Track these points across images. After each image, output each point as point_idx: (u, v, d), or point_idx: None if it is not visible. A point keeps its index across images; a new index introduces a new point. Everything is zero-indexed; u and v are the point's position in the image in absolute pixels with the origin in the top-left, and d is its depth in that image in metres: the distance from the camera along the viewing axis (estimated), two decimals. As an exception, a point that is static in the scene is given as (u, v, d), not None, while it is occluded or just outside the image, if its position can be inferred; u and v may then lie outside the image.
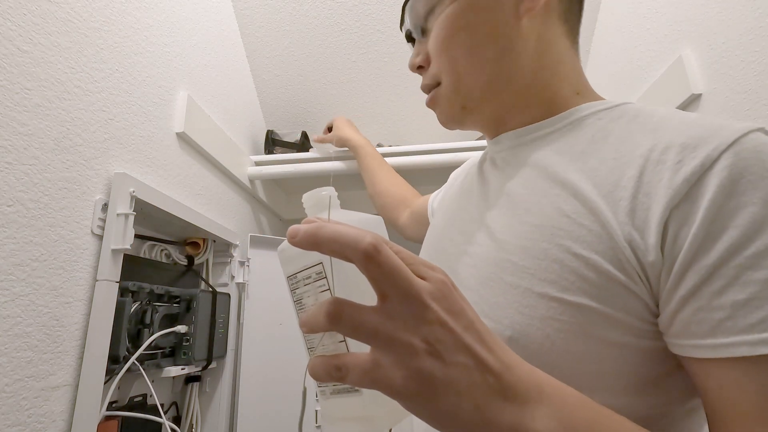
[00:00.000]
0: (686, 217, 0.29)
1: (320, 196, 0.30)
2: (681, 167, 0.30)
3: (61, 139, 0.58)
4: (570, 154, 0.38)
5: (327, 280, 0.27)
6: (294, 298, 0.29)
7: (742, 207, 0.28)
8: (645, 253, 0.30)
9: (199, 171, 0.94)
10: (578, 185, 0.34)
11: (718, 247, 0.28)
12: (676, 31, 0.83)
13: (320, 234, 0.23)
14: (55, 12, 0.57)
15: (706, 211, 0.28)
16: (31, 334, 0.52)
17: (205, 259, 0.96)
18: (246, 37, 1.28)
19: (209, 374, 0.93)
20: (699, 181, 0.29)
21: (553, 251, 0.33)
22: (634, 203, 0.31)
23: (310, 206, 0.31)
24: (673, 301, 0.30)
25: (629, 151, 0.34)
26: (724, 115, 0.71)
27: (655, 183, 0.31)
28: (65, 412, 0.56)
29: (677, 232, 0.29)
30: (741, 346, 0.27)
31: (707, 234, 0.28)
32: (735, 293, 0.27)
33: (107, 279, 0.61)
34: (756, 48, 0.65)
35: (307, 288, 0.28)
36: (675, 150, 0.31)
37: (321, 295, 0.27)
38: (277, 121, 1.43)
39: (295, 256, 0.28)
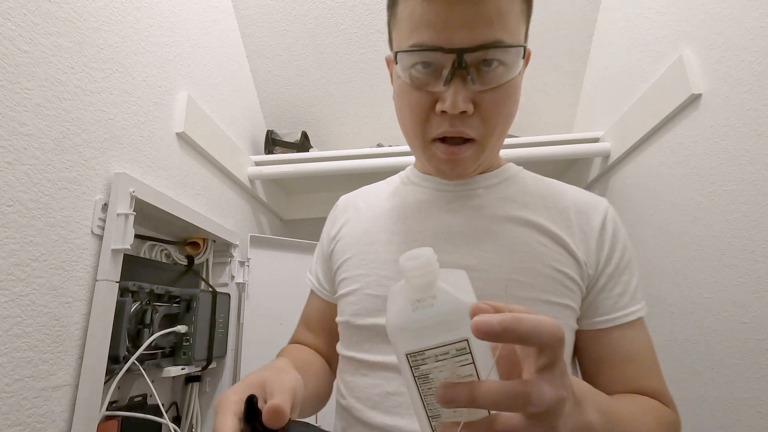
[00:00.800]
0: (602, 245, 0.50)
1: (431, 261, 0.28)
2: (591, 219, 0.51)
3: (61, 139, 0.58)
4: (521, 203, 0.52)
5: (471, 355, 0.27)
6: (415, 374, 0.28)
7: (618, 242, 0.51)
8: (589, 267, 0.49)
9: (199, 171, 0.94)
10: (544, 225, 0.49)
11: (612, 263, 0.50)
12: (676, 31, 0.83)
13: (521, 328, 0.25)
14: (55, 12, 0.57)
15: (608, 243, 0.50)
16: (31, 334, 0.52)
17: (205, 259, 0.96)
18: (246, 37, 1.28)
19: (209, 374, 0.93)
20: (602, 227, 0.51)
21: (545, 271, 0.47)
22: (580, 236, 0.50)
23: (418, 272, 0.28)
24: (592, 294, 0.49)
25: (559, 203, 0.52)
26: (724, 115, 0.71)
27: (583, 225, 0.51)
28: (65, 412, 0.56)
29: (598, 254, 0.50)
30: (624, 317, 0.48)
31: (609, 256, 0.50)
32: (617, 288, 0.49)
33: (107, 279, 0.61)
34: (756, 48, 0.65)
35: (440, 364, 0.28)
36: (582, 207, 0.52)
37: (461, 370, 0.28)
38: (277, 121, 1.43)
39: (427, 332, 0.27)
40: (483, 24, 0.41)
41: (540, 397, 0.25)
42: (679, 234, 0.82)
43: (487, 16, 0.41)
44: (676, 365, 0.82)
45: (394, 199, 0.57)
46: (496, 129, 0.46)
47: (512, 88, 0.45)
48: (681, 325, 0.81)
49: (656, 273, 0.89)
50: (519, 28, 0.44)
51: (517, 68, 0.44)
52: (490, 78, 0.43)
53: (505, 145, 1.14)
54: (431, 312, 0.27)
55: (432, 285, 0.28)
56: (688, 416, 0.78)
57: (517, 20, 0.43)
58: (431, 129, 0.46)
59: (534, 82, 1.34)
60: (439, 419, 0.29)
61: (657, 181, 0.89)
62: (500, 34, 0.41)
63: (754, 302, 0.65)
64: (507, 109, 0.45)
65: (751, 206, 0.66)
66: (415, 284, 0.28)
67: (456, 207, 0.52)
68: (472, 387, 0.26)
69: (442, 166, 0.48)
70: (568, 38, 1.25)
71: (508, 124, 0.47)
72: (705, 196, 0.76)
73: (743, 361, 0.67)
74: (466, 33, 0.41)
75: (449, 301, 0.28)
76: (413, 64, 0.44)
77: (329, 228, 0.62)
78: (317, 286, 0.62)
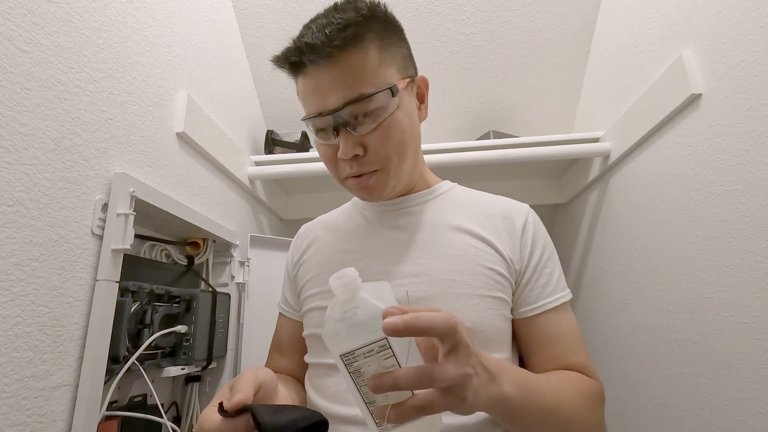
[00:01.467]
0: (525, 244, 0.58)
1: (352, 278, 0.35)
2: (515, 222, 0.60)
3: (61, 139, 0.58)
4: (454, 213, 0.60)
5: (391, 349, 0.34)
6: (350, 370, 0.35)
7: (539, 240, 0.60)
8: (515, 264, 0.57)
9: (199, 171, 0.94)
10: (475, 230, 0.58)
11: (534, 258, 0.58)
12: (676, 31, 0.83)
13: (419, 324, 0.32)
14: (55, 12, 0.57)
15: (531, 242, 0.59)
16: (31, 334, 0.52)
17: (205, 259, 0.96)
18: (246, 37, 1.28)
19: (209, 374, 0.93)
20: (524, 228, 0.59)
21: (478, 269, 0.54)
22: (506, 238, 0.58)
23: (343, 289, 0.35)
24: (520, 287, 0.57)
25: (487, 211, 0.61)
26: (724, 115, 0.71)
27: (509, 228, 0.59)
28: (65, 412, 0.56)
29: (522, 251, 0.58)
30: (549, 303, 0.56)
31: (531, 252, 0.58)
32: (541, 279, 0.57)
33: (107, 279, 0.61)
34: (756, 48, 0.65)
35: (368, 360, 0.34)
36: (507, 213, 0.61)
37: (385, 362, 0.34)
38: (277, 121, 1.43)
39: (353, 335, 0.34)
40: (343, 85, 0.50)
41: (443, 374, 0.33)
42: (679, 234, 0.82)
43: (344, 77, 0.50)
44: (676, 365, 0.82)
45: (349, 222, 0.66)
46: (392, 156, 0.54)
47: (393, 123, 0.52)
48: (681, 325, 0.81)
49: (656, 273, 0.89)
50: (381, 73, 0.51)
51: (391, 106, 0.52)
52: (369, 123, 0.51)
53: (505, 145, 1.14)
54: (355, 319, 0.34)
55: (355, 297, 0.35)
56: (688, 416, 0.78)
57: (375, 69, 0.51)
58: (341, 172, 0.56)
59: (534, 82, 1.34)
60: (374, 404, 0.35)
61: (657, 181, 0.89)
62: (361, 87, 0.50)
63: (754, 302, 0.65)
64: (394, 140, 0.53)
65: (751, 206, 0.66)
66: (342, 298, 0.35)
67: (400, 223, 0.61)
68: (393, 374, 0.33)
69: (360, 194, 0.58)
70: (568, 38, 1.25)
71: (405, 150, 0.55)
72: (705, 196, 0.76)
73: (743, 361, 0.67)
74: (334, 97, 0.50)
75: (369, 308, 0.34)
76: (314, 129, 0.54)
77: (293, 254, 0.70)
78: (286, 308, 0.69)
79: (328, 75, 0.50)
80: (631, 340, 0.97)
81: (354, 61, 0.50)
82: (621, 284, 1.02)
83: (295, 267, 0.68)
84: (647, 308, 0.92)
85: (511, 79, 1.34)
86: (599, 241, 1.14)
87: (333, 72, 0.50)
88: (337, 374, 0.53)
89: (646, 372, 0.91)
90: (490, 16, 1.25)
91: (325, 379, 0.55)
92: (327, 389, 0.54)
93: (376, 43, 0.52)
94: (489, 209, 0.61)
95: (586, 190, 1.24)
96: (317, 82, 0.51)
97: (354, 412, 0.50)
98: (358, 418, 0.49)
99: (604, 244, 1.12)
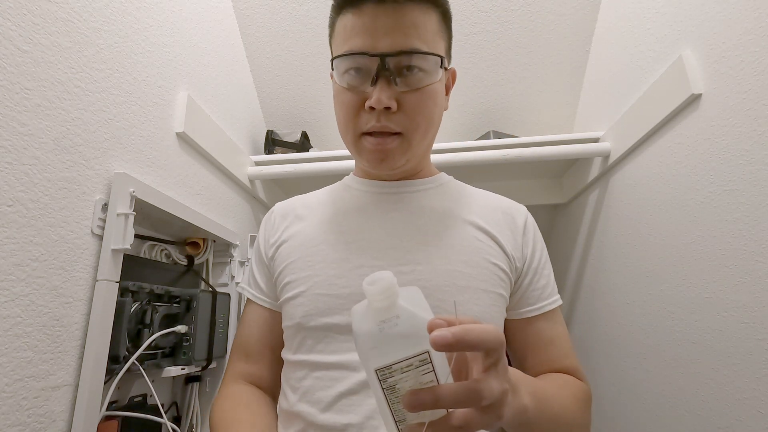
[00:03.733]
0: (526, 243, 0.58)
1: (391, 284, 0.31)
2: (515, 219, 0.59)
3: (61, 139, 0.58)
4: (457, 204, 0.59)
5: (432, 364, 0.31)
6: (384, 386, 0.31)
7: (538, 241, 0.60)
8: (516, 261, 0.56)
9: (199, 171, 0.94)
10: (479, 223, 0.56)
11: (536, 258, 0.58)
12: (676, 31, 0.83)
13: (470, 337, 0.30)
14: (55, 12, 0.57)
15: (531, 242, 0.58)
16: (31, 334, 0.52)
17: (205, 259, 0.96)
18: (246, 37, 1.28)
19: (209, 374, 0.93)
20: (525, 227, 0.59)
21: (482, 263, 0.53)
22: (508, 234, 0.57)
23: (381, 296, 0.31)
24: (522, 287, 0.56)
25: (488, 206, 0.60)
26: (724, 115, 0.71)
27: (510, 224, 0.58)
28: (65, 412, 0.56)
29: (524, 250, 0.57)
30: (548, 305, 0.56)
31: (532, 252, 0.58)
32: (542, 281, 0.57)
33: (107, 279, 0.61)
34: (756, 48, 0.65)
35: (405, 375, 0.31)
36: (507, 210, 0.60)
37: (423, 378, 0.31)
38: (277, 121, 1.43)
39: (393, 348, 0.31)
40: (402, 33, 0.48)
41: (490, 391, 0.30)
42: (679, 234, 0.82)
43: (405, 27, 0.48)
44: (676, 365, 0.82)
45: (337, 203, 0.61)
46: (420, 126, 0.52)
47: (432, 92, 0.51)
48: (681, 325, 0.81)
49: (656, 273, 0.89)
50: (437, 41, 0.51)
51: (436, 75, 0.51)
52: (411, 81, 0.50)
53: (505, 145, 1.14)
54: (396, 331, 0.31)
55: (394, 305, 0.31)
56: (689, 416, 0.78)
57: (434, 34, 0.51)
58: (361, 124, 0.52)
59: (534, 82, 1.34)
60: (405, 423, 0.32)
61: (657, 181, 0.89)
62: (417, 43, 0.49)
63: (754, 302, 0.65)
64: (428, 110, 0.52)
65: (751, 206, 0.66)
66: (380, 306, 0.31)
67: (400, 207, 0.57)
68: (435, 391, 0.30)
69: (371, 156, 0.53)
70: (568, 38, 1.25)
71: (431, 125, 0.54)
72: (705, 196, 0.76)
73: (743, 361, 0.67)
74: (388, 40, 0.48)
75: (411, 318, 0.31)
76: (346, 69, 0.51)
77: (267, 235, 0.63)
78: (258, 295, 0.62)
79: (388, 18, 0.48)
80: (631, 340, 0.97)
81: (417, 16, 0.48)
82: (621, 284, 1.02)
83: (270, 248, 0.61)
84: (647, 308, 0.92)
85: (511, 79, 1.34)
86: (599, 241, 1.14)
87: (394, 16, 0.48)
88: (327, 375, 0.49)
89: (646, 372, 0.91)
90: (490, 16, 1.25)
91: (312, 382, 0.50)
92: (312, 394, 0.49)
93: (439, 14, 0.51)
94: (490, 204, 0.60)
95: (586, 190, 1.24)
96: (373, 21, 0.48)
97: (347, 421, 0.46)
98: (349, 428, 0.45)
99: (604, 244, 1.12)
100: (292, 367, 0.53)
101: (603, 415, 1.06)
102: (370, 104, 0.49)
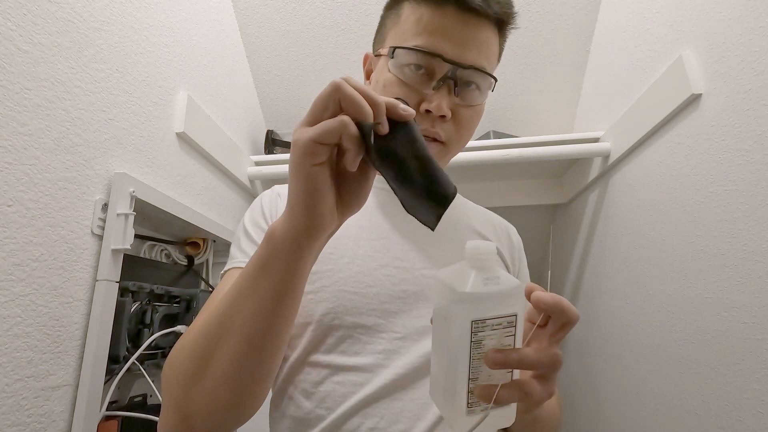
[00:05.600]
0: (520, 259, 0.64)
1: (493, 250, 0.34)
2: (510, 236, 0.65)
3: (61, 139, 0.58)
4: (461, 213, 0.61)
5: (515, 327, 0.33)
6: (473, 339, 0.33)
7: (524, 261, 0.65)
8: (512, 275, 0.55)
9: (199, 171, 0.94)
10: (482, 232, 0.60)
11: (522, 273, 0.64)
12: (676, 31, 0.83)
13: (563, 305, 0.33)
14: (55, 12, 0.57)
15: (518, 260, 0.64)
16: (31, 334, 0.52)
17: (205, 259, 0.96)
18: (246, 37, 1.28)
19: (209, 374, 0.93)
20: (518, 245, 0.65)
21: None
22: (506, 248, 0.62)
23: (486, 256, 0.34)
24: None
25: (485, 219, 0.64)
26: (724, 115, 0.71)
27: (506, 240, 0.64)
28: (65, 412, 0.56)
29: (516, 265, 0.62)
30: None
31: (520, 270, 0.63)
32: None
33: (107, 279, 0.61)
34: (756, 48, 0.65)
35: (493, 333, 0.33)
36: (502, 226, 0.66)
37: (505, 339, 0.33)
38: (277, 121, 1.43)
39: (495, 303, 0.33)
40: (476, 49, 0.48)
41: (560, 360, 0.33)
42: (679, 234, 0.82)
43: (479, 43, 0.49)
44: (676, 365, 0.82)
45: None
46: (462, 140, 0.53)
47: (480, 111, 0.53)
48: (681, 325, 0.81)
49: (656, 273, 0.89)
50: (494, 64, 0.53)
51: (486, 96, 0.52)
52: (469, 96, 0.51)
53: (505, 145, 1.14)
54: (498, 288, 0.33)
55: (495, 267, 0.34)
56: (689, 416, 0.78)
57: (494, 57, 0.52)
58: None
59: (534, 82, 1.34)
60: (477, 382, 0.33)
61: (657, 181, 0.89)
62: (485, 63, 0.50)
63: (754, 302, 0.65)
64: (472, 126, 0.53)
65: (751, 206, 0.66)
66: (484, 266, 0.34)
67: (382, 216, 0.57)
68: (521, 352, 0.32)
69: None
70: (568, 38, 1.25)
71: (467, 141, 0.55)
72: (705, 196, 0.75)
73: (743, 361, 0.67)
74: (463, 51, 0.48)
75: (510, 281, 0.33)
76: (409, 63, 0.49)
77: (270, 209, 0.55)
78: None
79: (468, 29, 0.48)
80: (631, 340, 0.97)
81: (489, 36, 0.50)
82: (621, 284, 1.02)
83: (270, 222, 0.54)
84: (647, 308, 0.92)
85: (511, 79, 1.33)
86: (599, 241, 1.14)
87: (474, 30, 0.48)
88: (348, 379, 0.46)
89: (646, 372, 0.91)
90: (490, 16, 1.24)
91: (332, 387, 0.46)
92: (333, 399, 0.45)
93: (500, 39, 0.53)
94: (486, 218, 0.63)
95: (586, 190, 1.24)
96: (454, 27, 0.48)
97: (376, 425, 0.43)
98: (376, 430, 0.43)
99: (604, 244, 1.12)
100: (304, 369, 0.49)
101: (603, 415, 1.06)
102: (429, 108, 0.48)
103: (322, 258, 0.50)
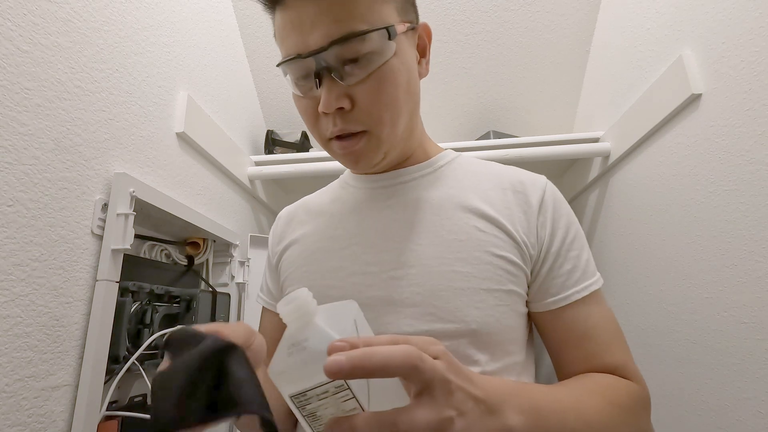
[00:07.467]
0: (543, 224, 0.49)
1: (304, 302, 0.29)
2: (529, 197, 0.50)
3: (61, 139, 0.58)
4: (457, 188, 0.52)
5: (351, 390, 0.27)
6: (303, 414, 0.29)
7: (561, 217, 0.50)
8: (531, 248, 0.48)
9: (199, 171, 0.94)
10: (482, 209, 0.49)
11: (556, 240, 0.48)
12: (676, 31, 0.83)
13: (371, 362, 0.26)
14: (55, 12, 0.57)
15: (551, 221, 0.49)
16: (31, 334, 0.52)
17: (205, 259, 0.96)
18: (246, 37, 1.28)
19: (209, 374, 0.93)
20: (541, 204, 0.50)
21: (484, 257, 0.46)
22: (519, 217, 0.49)
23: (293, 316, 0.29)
24: (540, 275, 0.48)
25: (497, 186, 0.51)
26: (724, 115, 0.71)
27: (522, 205, 0.50)
28: (65, 412, 0.56)
29: (540, 233, 0.48)
30: (577, 293, 0.47)
31: (552, 233, 0.49)
32: (566, 265, 0.48)
33: (107, 279, 0.61)
34: (756, 48, 0.65)
35: (323, 402, 0.28)
36: (520, 187, 0.51)
37: (344, 405, 0.28)
38: (277, 121, 1.43)
39: (304, 375, 0.27)
40: (330, 19, 0.41)
41: (409, 423, 0.27)
42: (679, 234, 0.82)
43: (331, 12, 0.41)
44: (676, 365, 0.82)
45: (334, 204, 0.57)
46: (383, 116, 0.45)
47: (387, 73, 0.44)
48: (681, 325, 0.81)
49: (656, 273, 0.89)
50: (378, 10, 0.43)
51: (387, 50, 0.43)
52: (358, 70, 0.43)
53: (505, 146, 1.14)
54: (304, 355, 0.28)
55: (306, 326, 0.29)
56: (689, 416, 0.78)
57: (369, 4, 0.42)
58: (323, 130, 0.47)
59: (534, 82, 1.34)
60: None
61: (657, 181, 0.89)
62: (352, 24, 0.41)
63: (754, 302, 0.65)
64: (387, 95, 0.44)
65: (751, 206, 0.66)
66: (292, 328, 0.29)
67: (393, 203, 0.52)
68: (351, 421, 0.27)
69: (346, 161, 0.49)
70: (568, 38, 1.25)
71: (398, 109, 0.46)
72: (705, 196, 0.76)
73: (743, 361, 0.67)
74: (318, 33, 0.41)
75: (320, 342, 0.28)
76: (293, 77, 0.45)
77: (274, 243, 0.61)
78: (269, 300, 0.61)
79: (312, 6, 0.41)
80: (630, 340, 0.97)
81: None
82: (621, 284, 1.02)
83: (275, 257, 0.59)
84: (647, 308, 0.92)
85: (511, 79, 1.34)
86: (599, 241, 1.14)
87: (319, 3, 0.41)
88: None
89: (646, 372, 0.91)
90: (490, 16, 1.25)
91: None
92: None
93: None
94: (499, 183, 0.52)
95: (586, 190, 1.24)
96: (298, 15, 0.42)
97: None
98: None
99: (604, 244, 1.12)
100: None
101: (603, 415, 1.06)
102: (321, 110, 0.44)
103: (298, 276, 0.53)
